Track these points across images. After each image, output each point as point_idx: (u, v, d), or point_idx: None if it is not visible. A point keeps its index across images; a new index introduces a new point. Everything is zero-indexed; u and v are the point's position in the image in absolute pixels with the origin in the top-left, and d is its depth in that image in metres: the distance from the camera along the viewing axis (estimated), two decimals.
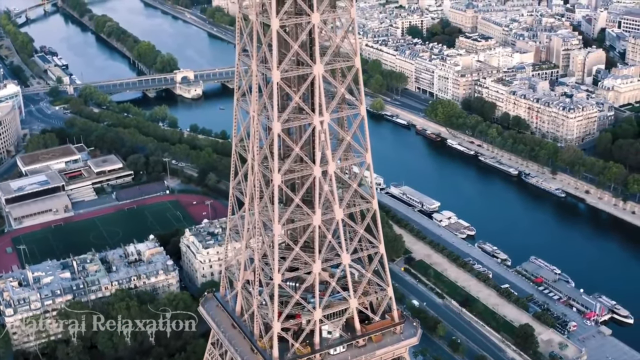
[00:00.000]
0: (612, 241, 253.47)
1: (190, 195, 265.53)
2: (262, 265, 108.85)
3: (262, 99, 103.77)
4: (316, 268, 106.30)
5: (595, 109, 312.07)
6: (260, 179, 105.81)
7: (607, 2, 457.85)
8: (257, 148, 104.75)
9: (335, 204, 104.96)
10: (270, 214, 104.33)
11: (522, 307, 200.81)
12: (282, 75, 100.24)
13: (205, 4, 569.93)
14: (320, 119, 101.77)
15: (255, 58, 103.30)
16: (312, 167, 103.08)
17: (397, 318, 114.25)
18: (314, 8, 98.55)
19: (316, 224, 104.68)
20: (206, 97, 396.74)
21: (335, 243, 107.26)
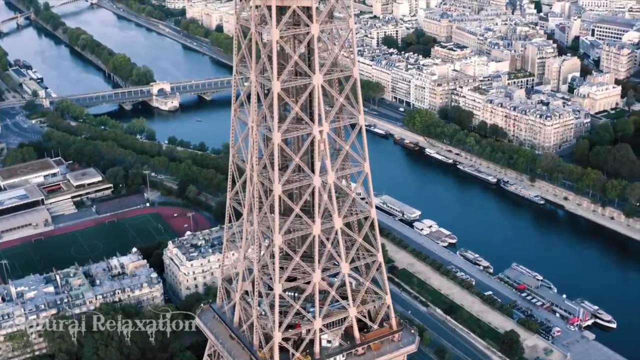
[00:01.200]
0: (592, 247, 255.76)
1: (170, 207, 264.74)
2: (261, 276, 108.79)
3: (262, 110, 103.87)
4: (316, 277, 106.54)
5: (571, 116, 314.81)
6: (259, 189, 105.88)
7: (580, 11, 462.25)
8: (256, 159, 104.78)
9: (334, 213, 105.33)
10: (271, 224, 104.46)
11: (506, 314, 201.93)
12: (282, 85, 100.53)
13: (180, 15, 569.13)
14: (320, 128, 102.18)
15: (254, 69, 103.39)
16: (312, 177, 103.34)
17: (396, 326, 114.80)
18: (313, 19, 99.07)
19: (316, 234, 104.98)
20: (183, 109, 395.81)
21: (334, 252, 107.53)
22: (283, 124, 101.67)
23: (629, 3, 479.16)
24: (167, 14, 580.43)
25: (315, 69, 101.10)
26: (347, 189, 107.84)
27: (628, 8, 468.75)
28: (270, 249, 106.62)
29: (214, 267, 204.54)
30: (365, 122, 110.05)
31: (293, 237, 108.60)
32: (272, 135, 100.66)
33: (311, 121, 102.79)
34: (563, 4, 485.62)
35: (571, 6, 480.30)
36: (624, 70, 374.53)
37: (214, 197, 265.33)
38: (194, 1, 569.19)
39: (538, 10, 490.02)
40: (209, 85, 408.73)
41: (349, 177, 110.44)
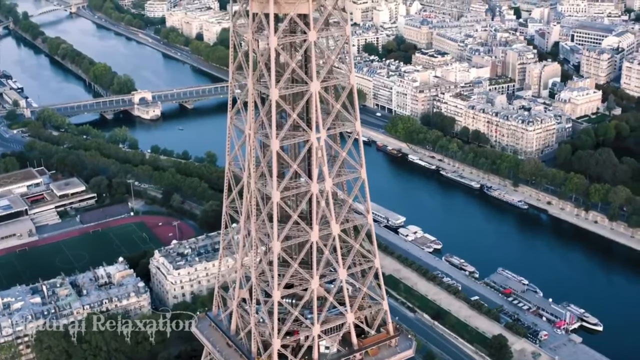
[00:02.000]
0: (576, 250, 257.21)
1: (155, 216, 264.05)
2: (259, 283, 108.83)
3: (259, 117, 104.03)
4: (314, 284, 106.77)
5: (553, 122, 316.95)
6: (256, 196, 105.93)
7: (559, 16, 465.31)
8: (253, 166, 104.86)
9: (332, 219, 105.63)
10: (269, 231, 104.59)
11: (493, 319, 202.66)
12: (280, 93, 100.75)
13: (159, 24, 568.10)
14: (317, 135, 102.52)
15: (251, 76, 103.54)
16: (310, 183, 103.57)
17: (392, 331, 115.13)
18: (310, 26, 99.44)
19: (314, 240, 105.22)
20: (165, 117, 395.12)
21: (332, 258, 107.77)
22: (281, 131, 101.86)
23: (608, 8, 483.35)
24: (147, 22, 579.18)
25: (312, 76, 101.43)
26: (344, 195, 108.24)
27: (607, 13, 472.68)
28: (268, 256, 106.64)
29: (201, 276, 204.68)
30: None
31: (290, 244, 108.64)
32: (271, 143, 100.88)
33: (308, 128, 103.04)
34: (542, 10, 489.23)
35: (550, 12, 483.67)
36: (604, 75, 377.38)
37: (199, 206, 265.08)
38: (174, 10, 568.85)
39: (517, 17, 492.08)
40: (190, 94, 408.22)
41: (345, 184, 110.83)
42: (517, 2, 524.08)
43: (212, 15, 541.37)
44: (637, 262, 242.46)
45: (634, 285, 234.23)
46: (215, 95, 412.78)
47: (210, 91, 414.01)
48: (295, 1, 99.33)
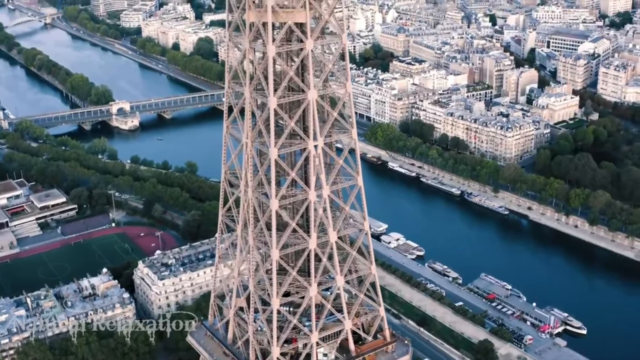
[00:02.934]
0: (558, 255, 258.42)
1: (136, 227, 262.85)
2: (257, 291, 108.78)
3: (257, 126, 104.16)
4: (312, 291, 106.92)
5: (531, 127, 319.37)
6: (254, 205, 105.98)
7: (535, 23, 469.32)
8: (250, 174, 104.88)
9: (329, 227, 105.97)
10: (267, 239, 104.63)
11: (478, 324, 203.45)
12: (278, 101, 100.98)
13: (135, 34, 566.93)
14: (315, 143, 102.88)
15: (249, 85, 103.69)
16: (308, 191, 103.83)
17: (389, 337, 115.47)
18: (307, 35, 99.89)
19: (312, 248, 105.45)
20: (143, 128, 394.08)
21: (329, 266, 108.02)
22: (279, 139, 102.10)
23: (582, 15, 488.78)
24: (123, 33, 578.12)
25: (310, 85, 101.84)
26: (341, 202, 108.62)
27: (582, 20, 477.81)
28: (266, 264, 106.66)
29: (185, 286, 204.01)
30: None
31: (288, 252, 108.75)
32: (269, 151, 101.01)
33: (306, 136, 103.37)
34: (517, 16, 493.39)
35: (525, 19, 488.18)
36: (581, 81, 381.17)
37: (180, 216, 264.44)
38: (150, 20, 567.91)
39: (493, 24, 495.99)
40: (168, 104, 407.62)
41: (341, 191, 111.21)
42: (492, 10, 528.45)
43: (188, 25, 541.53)
44: (617, 266, 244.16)
45: (615, 288, 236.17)
46: (193, 105, 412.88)
47: (189, 101, 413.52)
48: (292, 10, 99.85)
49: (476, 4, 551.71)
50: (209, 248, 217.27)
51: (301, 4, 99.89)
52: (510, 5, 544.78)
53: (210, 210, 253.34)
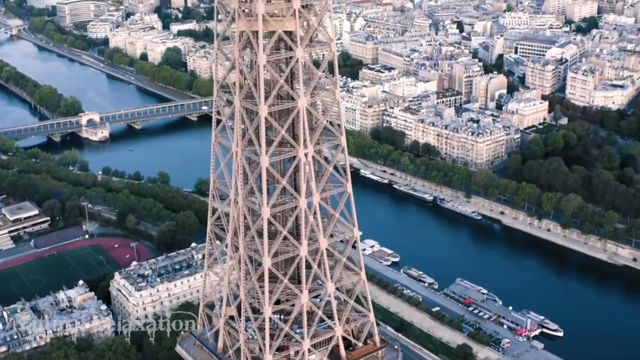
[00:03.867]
0: (531, 259, 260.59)
1: (110, 238, 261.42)
2: (248, 299, 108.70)
3: (247, 134, 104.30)
4: (304, 298, 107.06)
5: (502, 133, 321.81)
6: (245, 213, 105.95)
7: (502, 29, 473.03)
8: (240, 183, 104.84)
9: (320, 234, 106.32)
10: (259, 247, 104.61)
11: (456, 328, 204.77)
12: (268, 110, 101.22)
13: (102, 45, 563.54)
14: (305, 151, 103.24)
15: (239, 94, 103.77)
16: (298, 198, 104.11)
17: (379, 343, 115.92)
18: (297, 43, 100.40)
19: (303, 255, 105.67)
20: (113, 139, 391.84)
21: (320, 272, 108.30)
22: (270, 147, 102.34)
23: (549, 20, 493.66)
24: (90, 43, 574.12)
25: (300, 93, 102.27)
26: (330, 209, 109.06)
27: (548, 25, 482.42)
28: (258, 272, 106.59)
29: (163, 297, 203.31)
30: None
31: (279, 260, 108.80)
32: (260, 160, 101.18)
33: (296, 144, 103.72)
34: (485, 23, 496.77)
35: (493, 25, 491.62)
36: (549, 86, 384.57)
37: (154, 226, 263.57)
38: (117, 30, 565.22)
39: (460, 30, 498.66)
40: (138, 114, 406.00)
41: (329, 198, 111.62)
42: (459, 17, 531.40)
43: (156, 35, 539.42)
44: (591, 268, 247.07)
45: (589, 290, 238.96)
46: (163, 116, 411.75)
47: (158, 111, 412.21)
48: (282, 19, 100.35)
49: (443, 11, 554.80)
50: (185, 258, 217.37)
51: (291, 12, 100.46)
52: (477, 12, 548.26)
53: (185, 221, 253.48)
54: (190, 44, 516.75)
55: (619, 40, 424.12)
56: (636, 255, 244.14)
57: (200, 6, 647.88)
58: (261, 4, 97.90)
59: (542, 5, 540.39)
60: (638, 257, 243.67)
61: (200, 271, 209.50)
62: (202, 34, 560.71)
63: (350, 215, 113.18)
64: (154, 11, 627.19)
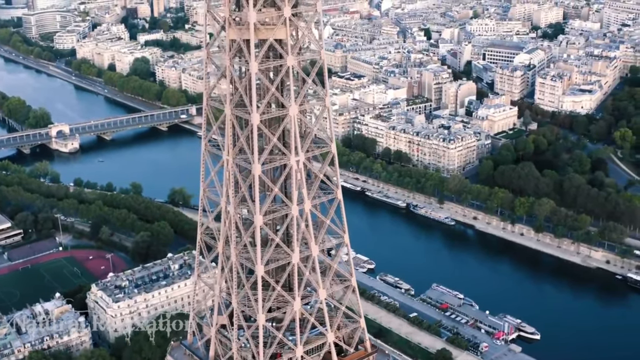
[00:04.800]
0: (506, 263, 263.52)
1: (84, 250, 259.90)
2: (241, 308, 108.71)
3: (239, 142, 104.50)
4: (296, 305, 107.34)
5: (473, 139, 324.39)
6: (237, 221, 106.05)
7: (469, 36, 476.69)
8: (231, 191, 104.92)
9: (311, 241, 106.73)
10: (252, 255, 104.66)
11: (434, 334, 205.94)
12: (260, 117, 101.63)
13: (70, 56, 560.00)
14: (296, 158, 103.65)
15: (229, 102, 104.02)
16: (290, 206, 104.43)
17: (370, 348, 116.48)
18: (287, 51, 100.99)
19: (295, 262, 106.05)
20: (83, 150, 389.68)
21: (312, 279, 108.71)
22: (262, 155, 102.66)
23: (516, 27, 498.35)
24: (57, 55, 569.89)
25: (291, 100, 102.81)
26: (321, 216, 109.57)
27: (515, 31, 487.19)
28: (251, 280, 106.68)
29: (141, 308, 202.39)
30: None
31: (271, 268, 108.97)
32: (253, 168, 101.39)
33: (288, 151, 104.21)
34: (452, 30, 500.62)
35: (460, 32, 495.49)
36: (518, 92, 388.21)
37: (128, 237, 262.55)
38: (84, 41, 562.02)
39: (428, 38, 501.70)
40: (108, 125, 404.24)
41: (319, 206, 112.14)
42: (426, 24, 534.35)
43: (124, 45, 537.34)
44: (565, 271, 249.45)
45: (564, 293, 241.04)
46: (133, 126, 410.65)
47: (128, 122, 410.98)
48: (273, 27, 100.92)
49: (410, 19, 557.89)
50: (162, 269, 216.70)
51: (282, 20, 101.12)
52: (444, 20, 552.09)
53: (160, 231, 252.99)
54: (158, 54, 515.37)
55: (585, 46, 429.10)
56: (609, 258, 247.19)
57: (167, 16, 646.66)
58: (253, 12, 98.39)
59: (509, 12, 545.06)
60: (611, 259, 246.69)
61: (177, 281, 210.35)
62: (169, 43, 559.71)
63: (341, 222, 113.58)
64: (121, 21, 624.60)
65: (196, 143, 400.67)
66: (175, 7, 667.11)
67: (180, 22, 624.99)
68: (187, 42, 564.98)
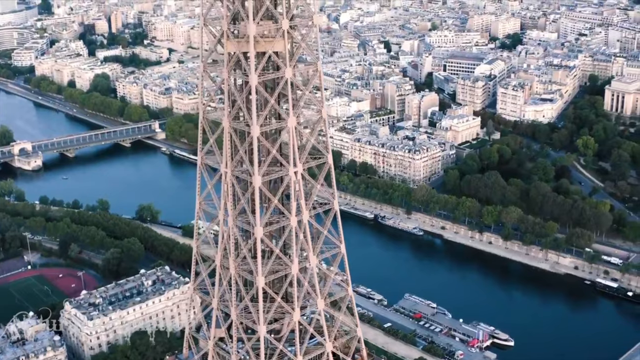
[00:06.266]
0: (475, 271, 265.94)
1: (54, 268, 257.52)
2: (240, 320, 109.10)
3: (238, 155, 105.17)
4: (296, 316, 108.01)
5: (438, 149, 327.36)
6: (235, 233, 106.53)
7: (429, 48, 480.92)
8: (230, 203, 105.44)
9: (310, 251, 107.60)
10: (252, 267, 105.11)
11: (410, 343, 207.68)
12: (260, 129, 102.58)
13: (28, 73, 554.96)
14: (295, 169, 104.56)
15: (227, 115, 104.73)
16: (289, 217, 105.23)
17: (366, 357, 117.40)
18: (286, 63, 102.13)
19: (294, 273, 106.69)
20: (47, 167, 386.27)
21: (311, 289, 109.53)
22: (262, 167, 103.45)
23: (474, 38, 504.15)
24: (15, 72, 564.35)
25: (289, 112, 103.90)
26: (319, 226, 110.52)
27: (474, 42, 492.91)
28: (251, 292, 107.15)
29: (116, 325, 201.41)
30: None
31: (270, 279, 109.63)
32: (253, 180, 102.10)
33: (286, 163, 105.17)
34: (412, 42, 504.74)
35: (420, 44, 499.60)
36: (480, 102, 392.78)
37: (97, 255, 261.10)
38: (43, 58, 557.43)
39: (388, 50, 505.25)
40: (70, 142, 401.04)
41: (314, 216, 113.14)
42: (386, 36, 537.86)
43: (83, 62, 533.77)
44: (534, 278, 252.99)
45: (534, 299, 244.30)
46: (96, 143, 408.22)
47: (91, 138, 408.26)
48: (272, 39, 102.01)
49: (369, 31, 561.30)
50: (135, 285, 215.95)
51: (280, 33, 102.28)
52: (403, 32, 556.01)
53: (130, 248, 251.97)
54: (118, 70, 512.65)
55: (544, 55, 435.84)
56: (577, 264, 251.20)
57: (125, 32, 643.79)
58: (253, 25, 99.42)
59: (466, 24, 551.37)
60: (579, 265, 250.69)
61: (151, 297, 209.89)
62: (129, 59, 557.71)
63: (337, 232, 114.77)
64: (79, 38, 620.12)
65: (160, 159, 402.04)
66: (134, 23, 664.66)
67: (138, 37, 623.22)
68: (146, 57, 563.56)
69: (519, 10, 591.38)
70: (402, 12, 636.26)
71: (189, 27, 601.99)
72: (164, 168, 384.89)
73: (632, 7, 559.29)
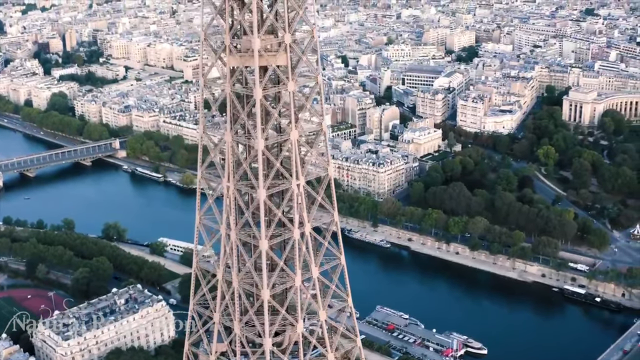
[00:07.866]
0: (444, 282, 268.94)
1: (22, 289, 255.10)
2: (244, 333, 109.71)
3: (241, 168, 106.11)
4: (299, 328, 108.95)
5: (401, 162, 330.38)
6: (239, 246, 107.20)
7: (387, 62, 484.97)
8: (232, 217, 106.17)
9: (312, 263, 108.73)
10: (257, 280, 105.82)
11: (385, 354, 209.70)
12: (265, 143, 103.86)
13: None
14: (297, 182, 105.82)
15: (230, 129, 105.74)
16: (292, 229, 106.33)
17: None
18: (288, 77, 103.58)
19: (297, 285, 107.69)
20: (7, 188, 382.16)
21: (313, 301, 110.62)
22: (267, 180, 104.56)
23: (431, 51, 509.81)
24: None
25: (292, 125, 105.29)
26: (320, 238, 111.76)
27: (431, 56, 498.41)
28: (256, 305, 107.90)
29: (91, 344, 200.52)
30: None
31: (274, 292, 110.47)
32: (258, 193, 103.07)
33: (289, 175, 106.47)
34: (369, 56, 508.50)
35: (377, 58, 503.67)
36: (440, 115, 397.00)
37: (65, 274, 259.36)
38: None
39: (345, 65, 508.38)
40: (31, 162, 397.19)
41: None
42: (342, 51, 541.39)
43: (40, 81, 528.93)
44: (502, 287, 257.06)
45: (504, 307, 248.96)
46: (56, 162, 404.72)
47: (51, 157, 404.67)
48: (275, 53, 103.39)
49: (326, 46, 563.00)
50: (108, 304, 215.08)
51: (283, 47, 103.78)
52: (360, 46, 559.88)
53: (99, 267, 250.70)
54: (75, 88, 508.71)
55: (501, 67, 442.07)
56: (544, 272, 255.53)
57: (80, 50, 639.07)
58: (258, 40, 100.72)
59: (422, 37, 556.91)
60: (546, 272, 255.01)
61: (125, 316, 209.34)
62: (85, 77, 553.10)
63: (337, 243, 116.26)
64: (34, 56, 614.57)
65: (122, 177, 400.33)
66: (88, 41, 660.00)
67: (94, 55, 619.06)
68: (103, 75, 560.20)
69: (473, 24, 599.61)
70: (357, 26, 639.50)
71: (145, 44, 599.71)
72: (126, 186, 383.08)
73: (584, 19, 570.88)
